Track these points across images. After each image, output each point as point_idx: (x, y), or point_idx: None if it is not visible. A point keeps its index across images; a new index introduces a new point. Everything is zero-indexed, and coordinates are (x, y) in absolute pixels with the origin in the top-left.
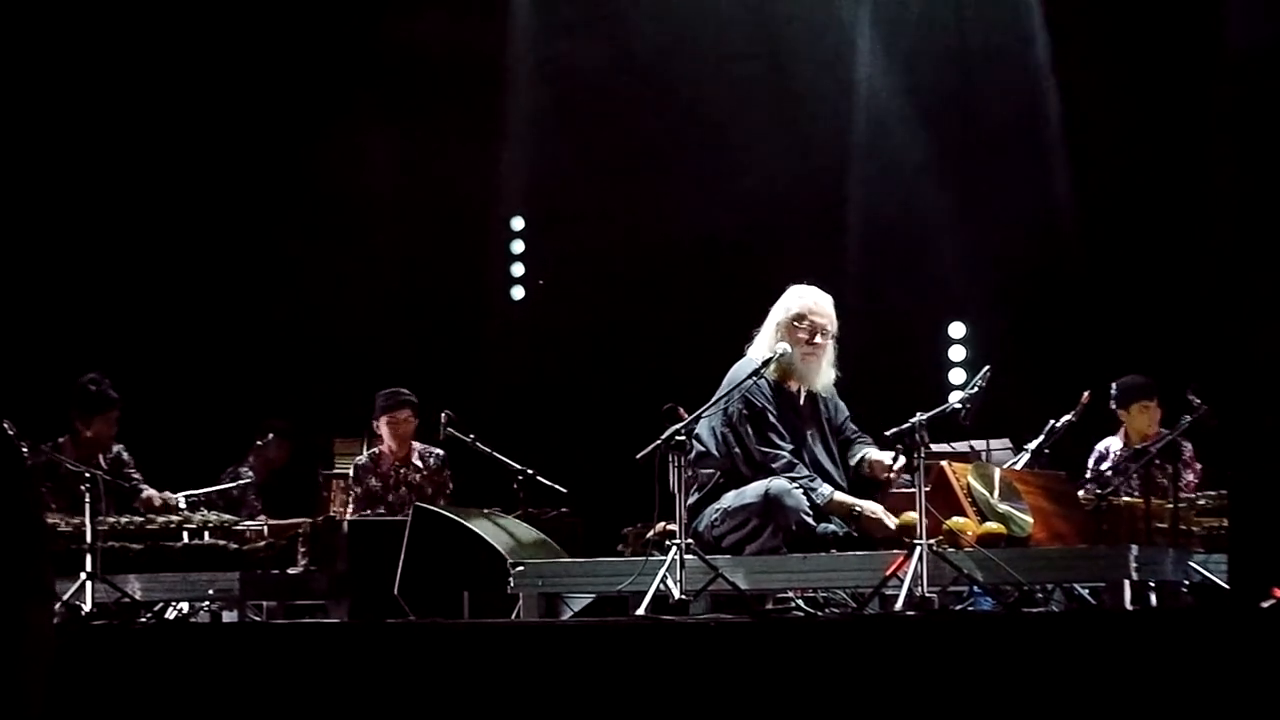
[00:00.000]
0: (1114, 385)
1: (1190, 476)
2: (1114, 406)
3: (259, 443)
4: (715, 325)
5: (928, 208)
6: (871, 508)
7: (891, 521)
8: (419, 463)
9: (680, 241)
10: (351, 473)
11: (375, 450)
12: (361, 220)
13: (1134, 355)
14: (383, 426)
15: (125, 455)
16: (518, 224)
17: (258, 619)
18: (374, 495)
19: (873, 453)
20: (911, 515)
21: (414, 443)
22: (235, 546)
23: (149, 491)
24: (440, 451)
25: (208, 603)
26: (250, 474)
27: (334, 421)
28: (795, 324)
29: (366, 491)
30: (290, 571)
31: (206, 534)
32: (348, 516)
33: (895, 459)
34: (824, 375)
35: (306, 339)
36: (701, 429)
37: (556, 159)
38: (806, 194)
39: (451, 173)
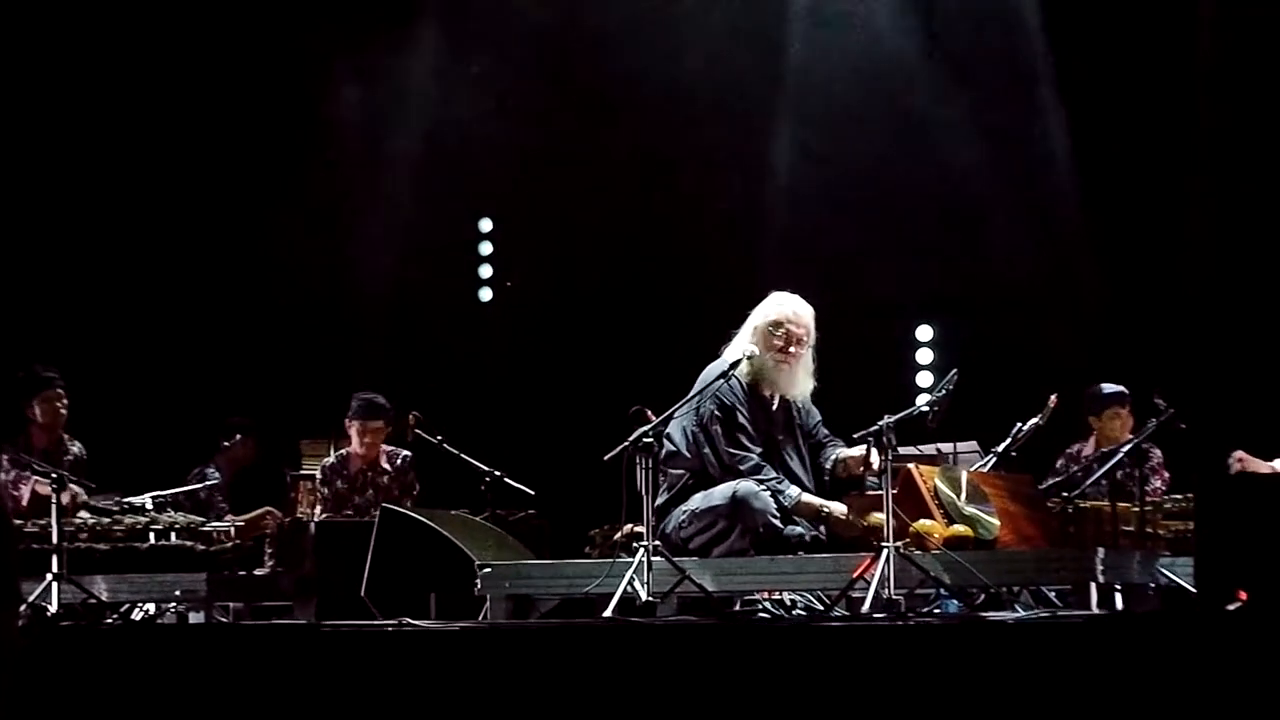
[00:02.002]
0: (1087, 392)
1: (1158, 483)
2: (1087, 413)
3: (225, 444)
4: (683, 327)
5: (897, 211)
6: (839, 509)
7: (859, 522)
8: (386, 465)
9: (649, 244)
10: (319, 474)
11: (343, 452)
12: (328, 221)
13: (1102, 359)
14: (353, 431)
15: (83, 455)
16: (485, 226)
17: (224, 620)
18: (341, 497)
19: (844, 451)
20: (879, 516)
21: (382, 445)
22: (202, 547)
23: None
24: (407, 453)
25: (174, 604)
26: (217, 475)
27: (300, 422)
28: (771, 330)
29: (334, 493)
30: (257, 572)
31: (173, 535)
32: (316, 518)
33: (868, 452)
34: (799, 384)
35: (273, 340)
36: (673, 429)
37: (524, 161)
38: (775, 195)
39: (417, 174)
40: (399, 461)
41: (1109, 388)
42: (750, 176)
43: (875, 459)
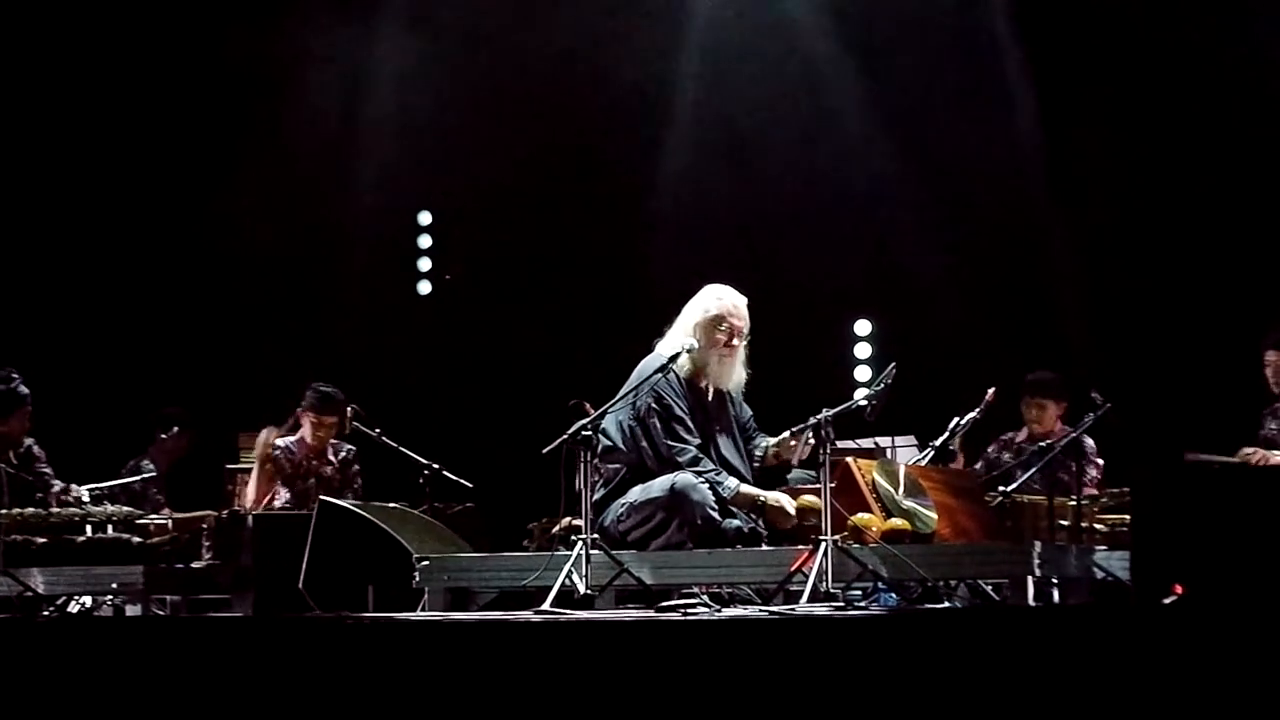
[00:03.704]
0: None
1: (1093, 472)
2: (1020, 397)
3: (162, 435)
4: (621, 321)
5: (836, 202)
6: (776, 497)
7: (792, 506)
8: (331, 456)
9: (586, 237)
10: (276, 453)
11: (292, 439)
12: (266, 213)
13: (1040, 353)
14: (307, 422)
15: (36, 450)
16: (424, 219)
17: (162, 613)
18: (286, 481)
19: (773, 440)
20: (809, 498)
21: None
22: (139, 540)
23: (59, 486)
24: (351, 446)
25: (111, 597)
26: (152, 467)
27: (238, 415)
28: (715, 326)
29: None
30: (194, 566)
31: (110, 528)
32: (280, 499)
33: (798, 436)
34: (738, 375)
35: (211, 332)
36: (609, 423)
37: (463, 154)
38: (713, 189)
39: (355, 166)
40: (343, 454)
41: (1035, 376)
42: (685, 169)
43: (807, 444)
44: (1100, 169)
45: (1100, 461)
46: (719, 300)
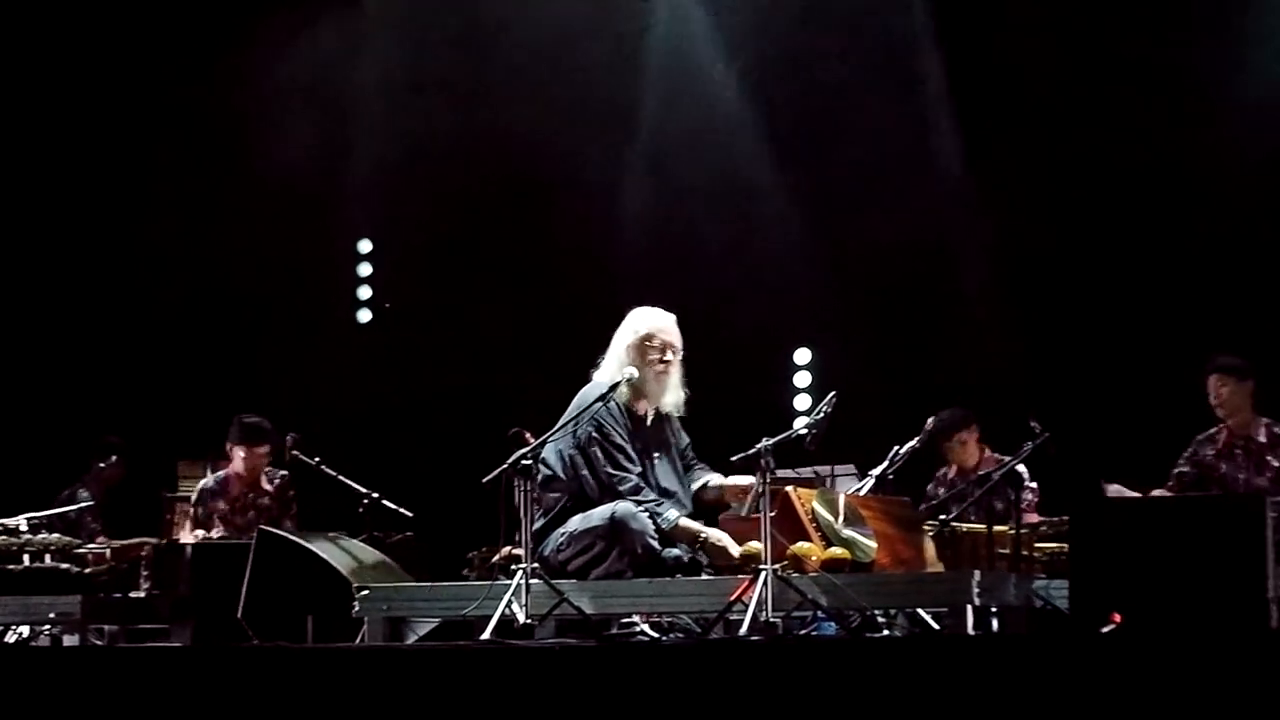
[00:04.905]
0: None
1: (1029, 496)
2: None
3: (100, 464)
4: (560, 350)
5: (774, 232)
6: (717, 535)
7: (736, 550)
8: (266, 485)
9: (527, 267)
10: (195, 495)
11: (222, 474)
12: (206, 239)
13: (976, 382)
14: (237, 455)
15: None
16: (365, 247)
17: (100, 643)
18: (223, 518)
19: (717, 478)
20: (756, 545)
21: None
22: (77, 569)
23: None
24: (284, 472)
25: (49, 626)
26: (87, 496)
27: (177, 443)
28: (646, 344)
29: (209, 514)
30: (133, 595)
31: (47, 556)
32: (189, 540)
33: (754, 488)
34: (675, 393)
35: (149, 359)
36: (549, 453)
37: (403, 181)
38: (651, 217)
39: (296, 194)
40: (278, 481)
41: (954, 413)
42: (626, 200)
43: (754, 491)
44: (1029, 195)
45: (1034, 485)
46: (646, 319)
